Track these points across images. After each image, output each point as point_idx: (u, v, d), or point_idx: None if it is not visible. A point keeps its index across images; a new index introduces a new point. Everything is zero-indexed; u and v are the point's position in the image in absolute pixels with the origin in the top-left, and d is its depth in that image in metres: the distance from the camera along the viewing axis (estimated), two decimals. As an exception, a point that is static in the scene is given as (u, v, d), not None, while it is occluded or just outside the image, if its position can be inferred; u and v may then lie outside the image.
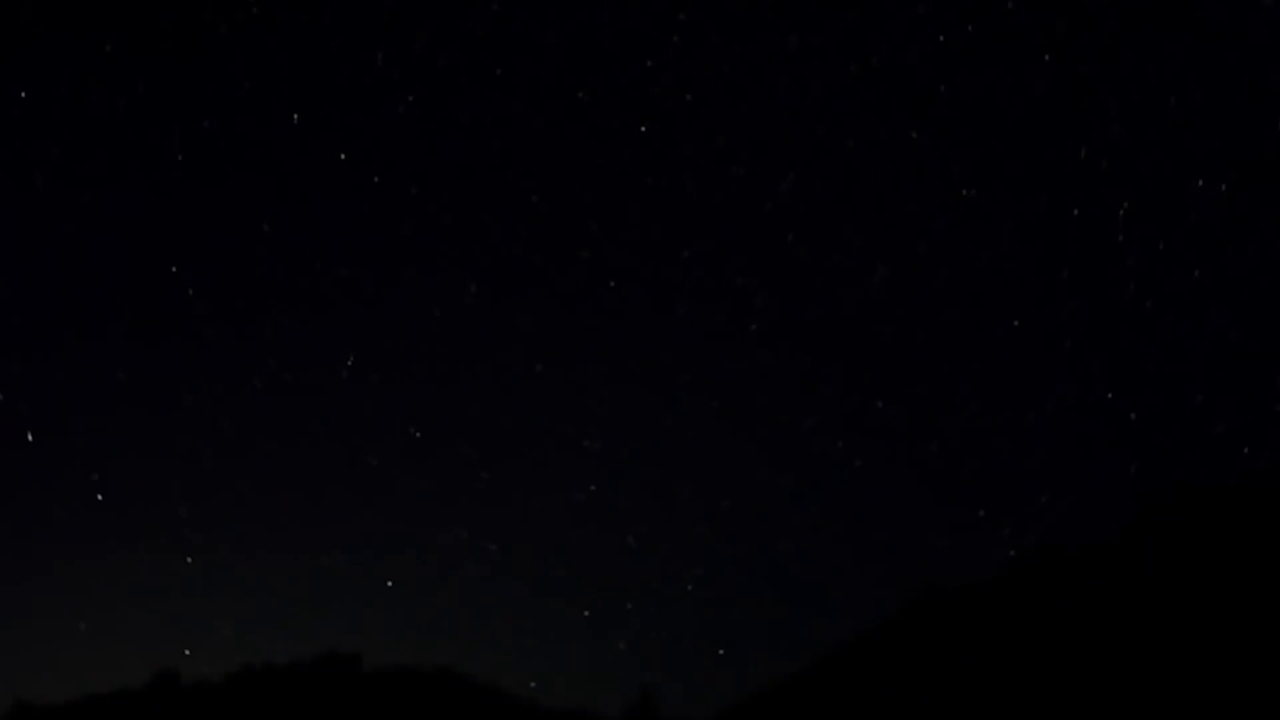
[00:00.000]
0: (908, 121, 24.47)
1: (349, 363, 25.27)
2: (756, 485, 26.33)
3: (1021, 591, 20.82)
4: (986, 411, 25.30)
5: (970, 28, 23.74)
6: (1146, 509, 21.19)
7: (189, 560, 24.91)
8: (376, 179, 25.04)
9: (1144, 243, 24.38)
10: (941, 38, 23.69)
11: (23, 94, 24.43)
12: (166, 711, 23.66)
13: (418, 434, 25.50)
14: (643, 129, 24.56)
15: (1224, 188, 23.64)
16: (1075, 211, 24.49)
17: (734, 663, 24.19)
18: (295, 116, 24.45)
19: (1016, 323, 24.97)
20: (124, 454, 25.72)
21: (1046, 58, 23.99)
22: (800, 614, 25.65)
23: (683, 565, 25.22)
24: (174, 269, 25.15)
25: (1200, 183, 23.75)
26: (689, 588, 24.99)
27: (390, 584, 25.10)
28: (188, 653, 24.72)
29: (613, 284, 25.32)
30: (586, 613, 25.19)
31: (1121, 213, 24.15)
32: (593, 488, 25.42)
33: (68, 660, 25.20)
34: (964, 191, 24.65)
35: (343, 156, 24.70)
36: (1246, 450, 23.09)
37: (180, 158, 24.88)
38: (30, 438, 24.67)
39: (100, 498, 24.36)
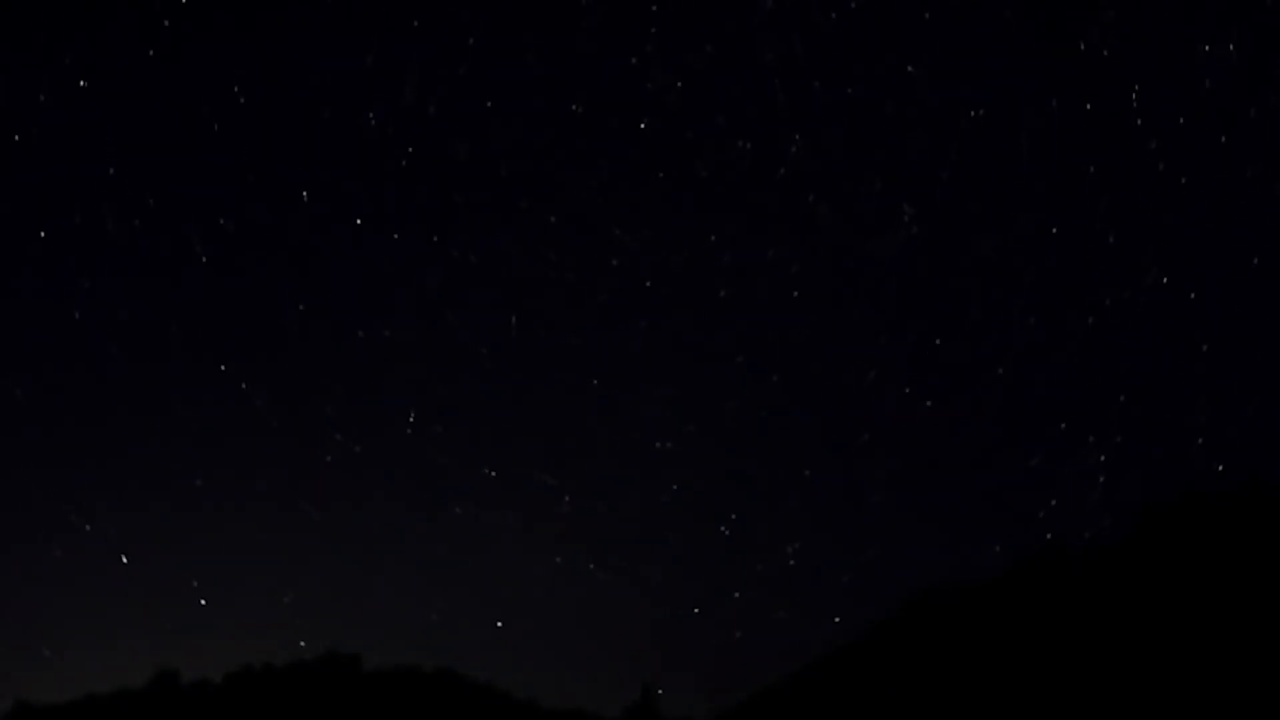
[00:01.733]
0: (900, 57, 24.14)
1: (410, 419, 25.29)
2: (834, 447, 26.11)
3: (1021, 591, 20.81)
4: (1045, 323, 24.95)
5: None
6: (1148, 509, 21.19)
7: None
8: (396, 235, 25.11)
9: (1163, 121, 23.82)
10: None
11: (42, 234, 24.68)
12: (166, 711, 23.69)
13: (493, 474, 25.47)
14: (642, 126, 24.52)
15: (1231, 47, 23.18)
16: (1088, 106, 24.05)
17: (845, 631, 23.72)
18: (305, 194, 24.58)
19: (1055, 230, 24.68)
20: (217, 559, 25.80)
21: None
22: (901, 557, 25.25)
23: (779, 541, 25.06)
24: (223, 367, 25.25)
25: (1207, 47, 23.27)
26: (791, 563, 24.83)
27: (500, 624, 25.21)
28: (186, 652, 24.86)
29: (648, 284, 25.21)
30: (697, 610, 25.11)
31: (1134, 96, 23.69)
32: (675, 487, 25.41)
33: (68, 660, 25.25)
34: (972, 113, 24.37)
35: (359, 221, 24.85)
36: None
37: (204, 260, 24.96)
38: (124, 560, 24.94)
39: (204, 601, 24.71)
